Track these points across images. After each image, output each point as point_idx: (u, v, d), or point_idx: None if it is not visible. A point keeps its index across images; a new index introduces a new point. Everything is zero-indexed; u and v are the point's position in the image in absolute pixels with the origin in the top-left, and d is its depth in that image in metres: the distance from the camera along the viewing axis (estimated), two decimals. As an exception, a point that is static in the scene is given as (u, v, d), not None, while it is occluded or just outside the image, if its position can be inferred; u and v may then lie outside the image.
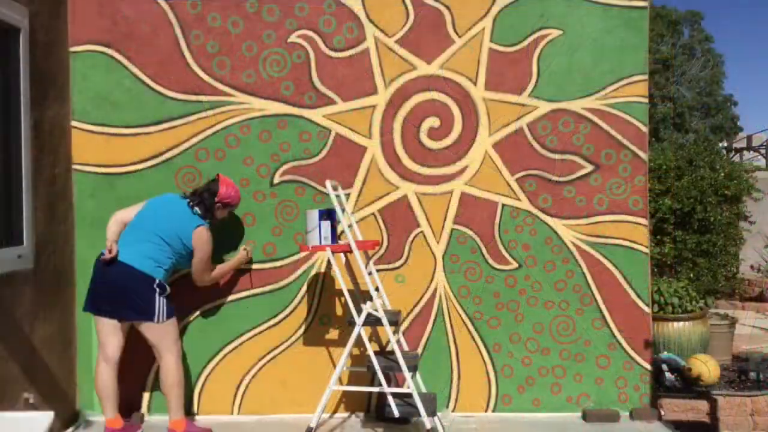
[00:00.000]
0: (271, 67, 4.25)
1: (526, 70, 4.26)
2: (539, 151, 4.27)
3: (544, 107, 4.26)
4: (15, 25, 3.52)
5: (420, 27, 4.25)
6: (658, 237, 7.65)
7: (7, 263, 3.40)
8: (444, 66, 4.26)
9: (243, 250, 4.16)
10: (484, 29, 4.25)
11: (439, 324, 4.29)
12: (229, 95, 4.23)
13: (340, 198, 4.03)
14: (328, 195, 3.95)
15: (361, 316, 3.71)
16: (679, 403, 4.31)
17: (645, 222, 4.28)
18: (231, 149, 4.23)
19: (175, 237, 3.74)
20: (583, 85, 4.25)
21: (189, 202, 3.84)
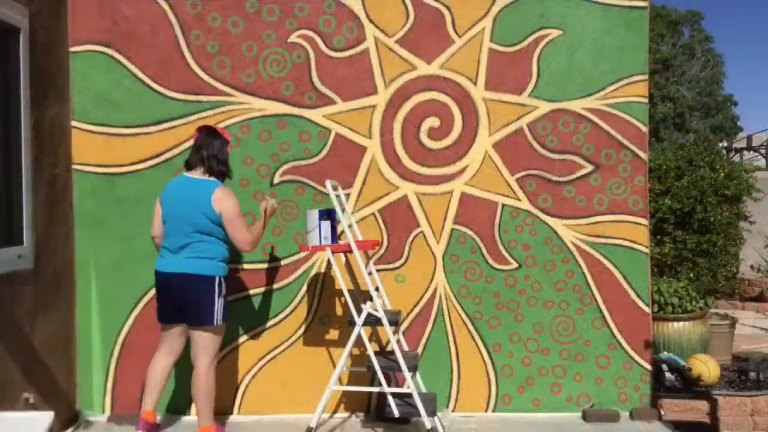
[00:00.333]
0: (271, 67, 4.25)
1: (526, 70, 4.26)
2: (539, 151, 4.27)
3: (544, 107, 4.26)
4: (15, 25, 3.52)
5: (420, 27, 4.25)
6: (658, 237, 7.65)
7: (7, 263, 3.40)
8: (444, 66, 4.26)
9: (262, 205, 3.77)
10: (484, 29, 4.26)
11: (439, 324, 4.29)
12: (229, 95, 4.23)
13: (340, 198, 4.03)
14: (328, 195, 3.95)
15: (361, 316, 3.71)
16: (679, 403, 4.31)
17: (645, 222, 4.28)
18: (231, 149, 4.21)
19: (206, 221, 3.50)
20: (583, 85, 4.25)
21: (190, 172, 3.62)
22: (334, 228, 3.79)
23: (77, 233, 4.20)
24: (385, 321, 3.67)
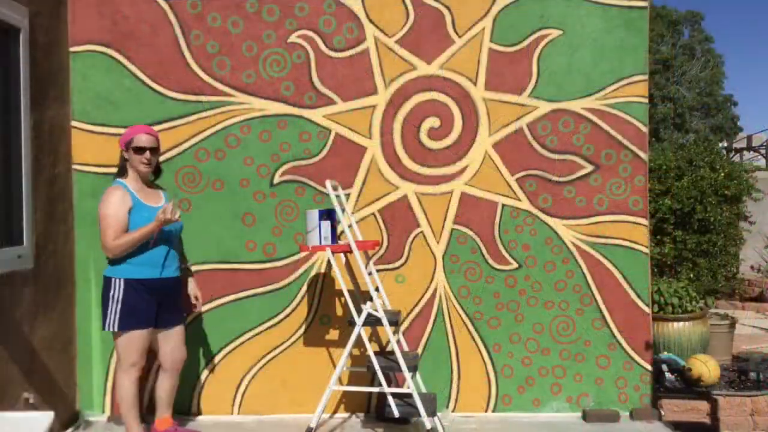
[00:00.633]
0: (271, 67, 4.25)
1: (526, 70, 4.26)
2: (539, 151, 4.27)
3: (544, 107, 4.26)
4: (15, 25, 3.52)
5: (420, 27, 4.25)
6: (658, 237, 7.65)
7: (7, 263, 3.40)
8: (444, 66, 4.26)
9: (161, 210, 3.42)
10: (484, 29, 4.26)
11: (439, 324, 4.29)
12: (229, 95, 4.23)
13: (340, 198, 4.03)
14: (328, 195, 3.95)
15: (361, 316, 3.71)
16: (680, 403, 4.31)
17: (645, 222, 4.28)
18: (231, 149, 4.23)
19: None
20: (583, 85, 4.25)
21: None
22: (334, 228, 3.79)
23: (77, 233, 4.20)
24: (385, 321, 3.67)
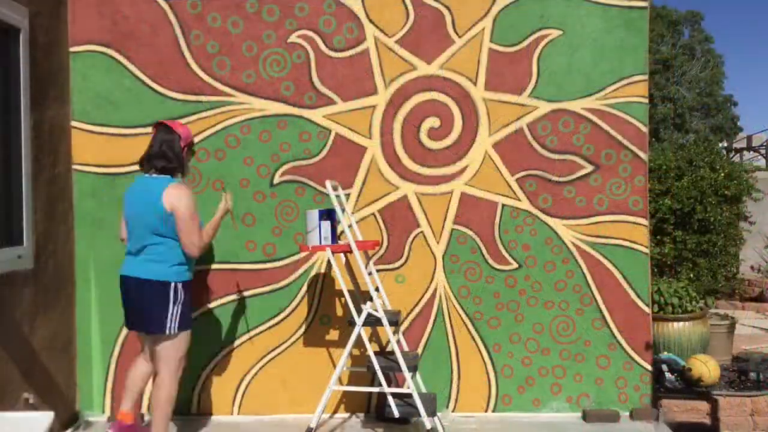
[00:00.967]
0: (271, 67, 4.25)
1: (526, 70, 4.26)
2: (539, 152, 4.27)
3: (544, 107, 4.26)
4: (15, 26, 3.52)
5: (420, 27, 4.25)
6: (658, 237, 7.65)
7: (7, 263, 3.40)
8: (444, 66, 4.26)
9: (223, 199, 3.60)
10: (484, 29, 4.26)
11: (439, 324, 4.29)
12: (229, 95, 4.23)
13: (340, 198, 4.03)
14: (328, 195, 3.95)
15: (361, 316, 3.71)
16: (680, 403, 4.32)
17: (645, 222, 4.28)
18: (231, 149, 4.23)
19: (158, 221, 3.30)
20: (583, 85, 4.25)
21: (147, 172, 3.44)
22: (334, 228, 3.79)
23: (77, 233, 4.20)
24: (385, 321, 3.67)
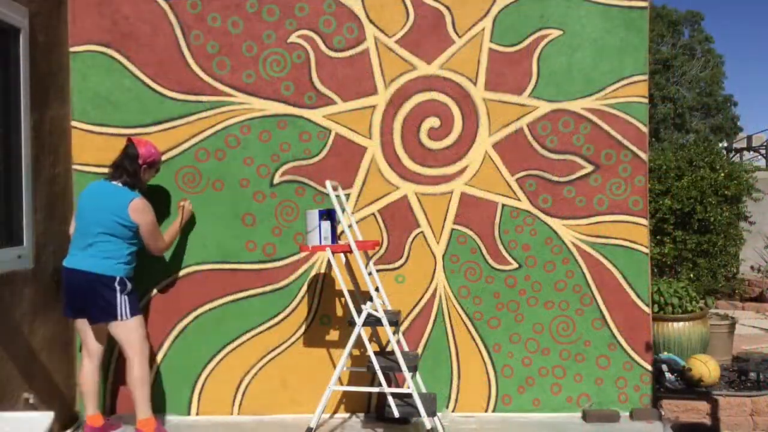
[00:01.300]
0: (271, 67, 4.25)
1: (526, 70, 4.26)
2: (539, 152, 4.26)
3: (544, 107, 4.26)
4: (15, 26, 3.52)
5: (420, 27, 4.25)
6: (658, 237, 7.66)
7: (7, 263, 3.40)
8: (444, 66, 4.26)
9: (179, 206, 4.10)
10: (484, 29, 4.25)
11: (439, 324, 4.29)
12: (229, 95, 4.23)
13: (340, 198, 4.03)
14: (328, 195, 3.95)
15: (361, 316, 3.71)
16: (680, 403, 4.32)
17: (645, 222, 4.28)
18: (231, 149, 4.23)
19: (115, 224, 3.64)
20: (583, 85, 4.25)
21: (111, 180, 3.75)
22: (334, 228, 3.79)
23: (77, 233, 4.19)
24: (385, 321, 3.67)
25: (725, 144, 18.92)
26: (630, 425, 4.12)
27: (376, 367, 3.65)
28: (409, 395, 3.66)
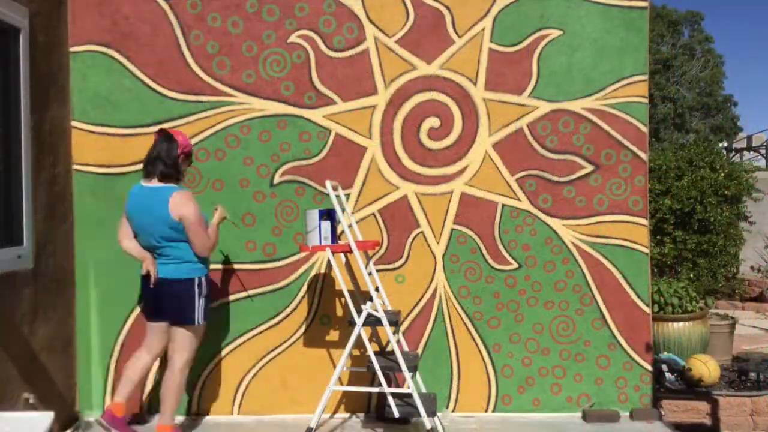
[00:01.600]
0: (271, 67, 4.25)
1: (526, 70, 4.26)
2: (539, 152, 4.27)
3: (544, 107, 4.26)
4: (15, 26, 3.52)
5: (420, 27, 4.25)
6: (658, 237, 7.66)
7: (7, 263, 3.40)
8: (444, 66, 4.26)
9: (214, 210, 3.78)
10: (484, 29, 4.25)
11: (439, 324, 4.29)
12: (229, 95, 4.23)
13: (340, 198, 4.03)
14: (328, 195, 3.95)
15: (361, 316, 3.71)
16: (680, 403, 4.32)
17: (645, 222, 4.28)
18: (231, 149, 4.23)
19: (169, 230, 3.47)
20: (583, 85, 4.25)
21: (147, 179, 3.55)
22: (334, 228, 3.79)
23: (77, 233, 4.19)
24: (385, 321, 3.67)
25: (725, 144, 18.91)
26: (630, 425, 4.12)
27: (376, 367, 3.64)
28: (409, 395, 3.66)
